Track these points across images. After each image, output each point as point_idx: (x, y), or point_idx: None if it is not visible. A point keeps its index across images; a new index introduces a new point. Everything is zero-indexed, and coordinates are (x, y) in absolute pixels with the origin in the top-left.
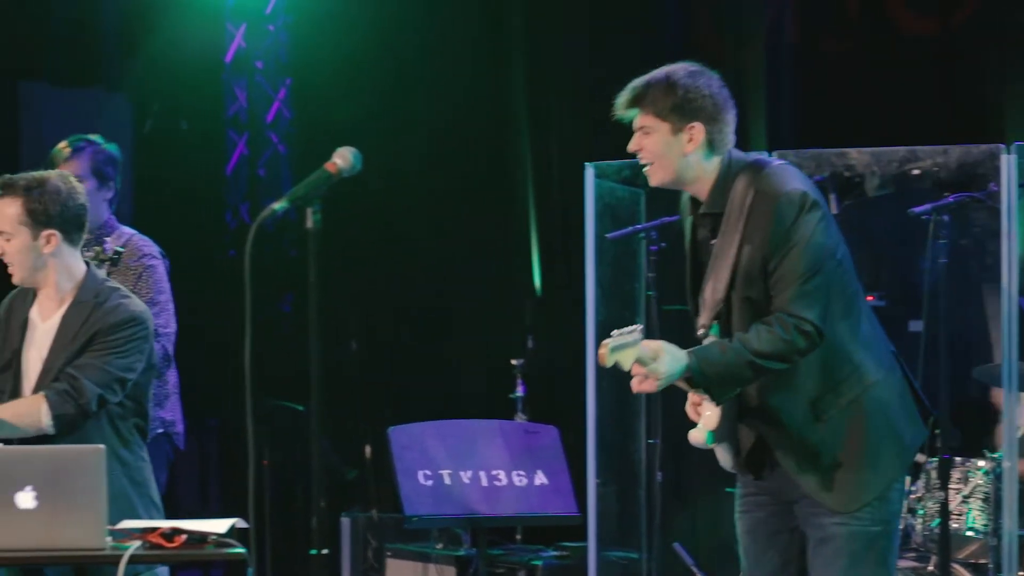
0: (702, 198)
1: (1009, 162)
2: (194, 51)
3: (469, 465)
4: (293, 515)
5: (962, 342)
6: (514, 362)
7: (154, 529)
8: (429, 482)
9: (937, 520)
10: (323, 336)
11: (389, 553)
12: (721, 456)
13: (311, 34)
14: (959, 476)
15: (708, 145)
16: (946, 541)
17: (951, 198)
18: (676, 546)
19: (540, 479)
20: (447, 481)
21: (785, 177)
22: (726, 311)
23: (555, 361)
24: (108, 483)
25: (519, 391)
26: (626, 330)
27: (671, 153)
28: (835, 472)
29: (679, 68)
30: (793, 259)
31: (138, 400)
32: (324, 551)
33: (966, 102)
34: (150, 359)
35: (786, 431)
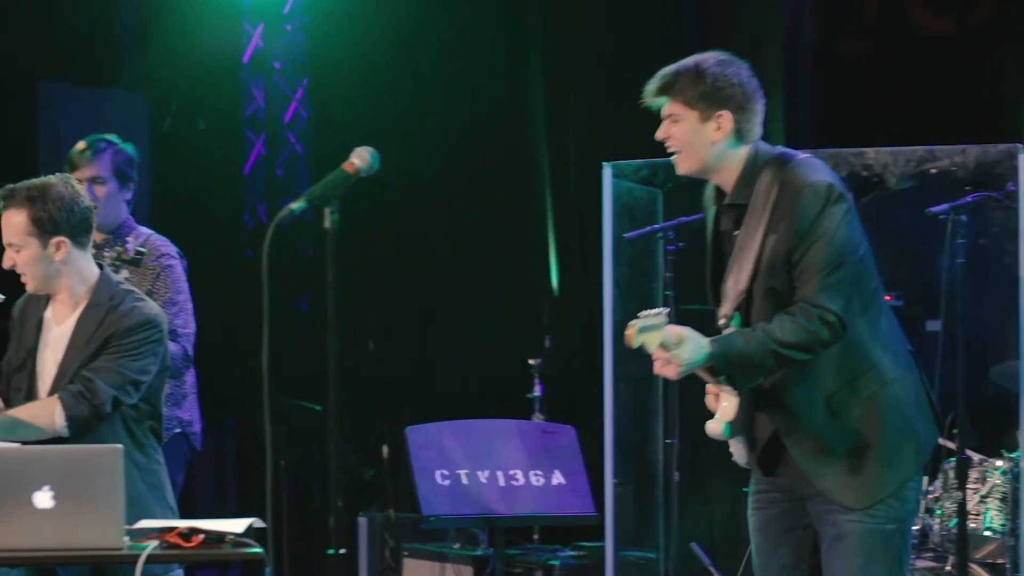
0: (727, 189)
1: None
2: (212, 51)
3: (486, 465)
4: (310, 515)
5: (979, 342)
6: (531, 362)
7: (171, 529)
8: (446, 482)
9: (955, 520)
10: (340, 336)
11: (406, 553)
12: (736, 451)
13: (329, 34)
14: (977, 476)
15: (736, 134)
16: (964, 541)
17: (969, 198)
18: (693, 546)
19: (557, 479)
20: (464, 481)
21: (812, 169)
22: (748, 302)
23: (572, 361)
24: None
25: (536, 391)
26: (652, 312)
27: (699, 141)
28: (849, 468)
29: (709, 57)
30: (818, 250)
31: (152, 403)
32: (341, 551)
33: (984, 102)
34: (164, 361)
35: (801, 427)
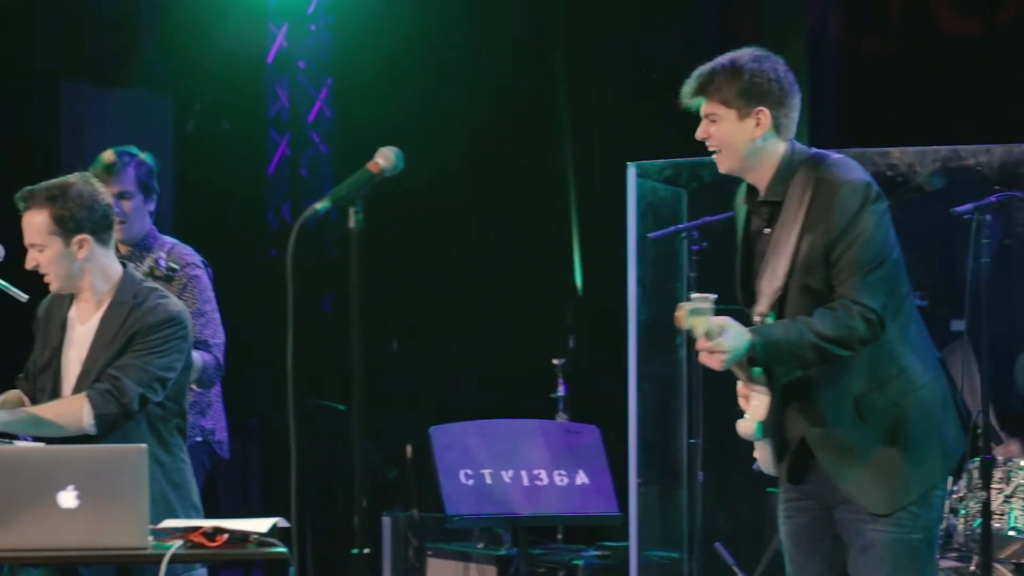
0: (761, 186)
1: None
2: (236, 51)
3: (510, 465)
4: (334, 514)
5: (1004, 341)
6: (555, 362)
7: (196, 528)
8: (470, 481)
9: (979, 520)
10: (365, 336)
11: (430, 552)
12: (762, 458)
13: (353, 34)
14: (1001, 476)
15: (775, 129)
16: (988, 541)
17: (994, 197)
18: (717, 546)
19: (581, 479)
20: (488, 480)
21: (849, 168)
22: (782, 300)
23: (596, 361)
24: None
25: (560, 391)
26: (701, 296)
27: (739, 139)
28: (875, 472)
29: (744, 53)
30: (858, 248)
31: (178, 400)
32: (365, 550)
33: (1009, 101)
34: (188, 358)
35: (829, 430)
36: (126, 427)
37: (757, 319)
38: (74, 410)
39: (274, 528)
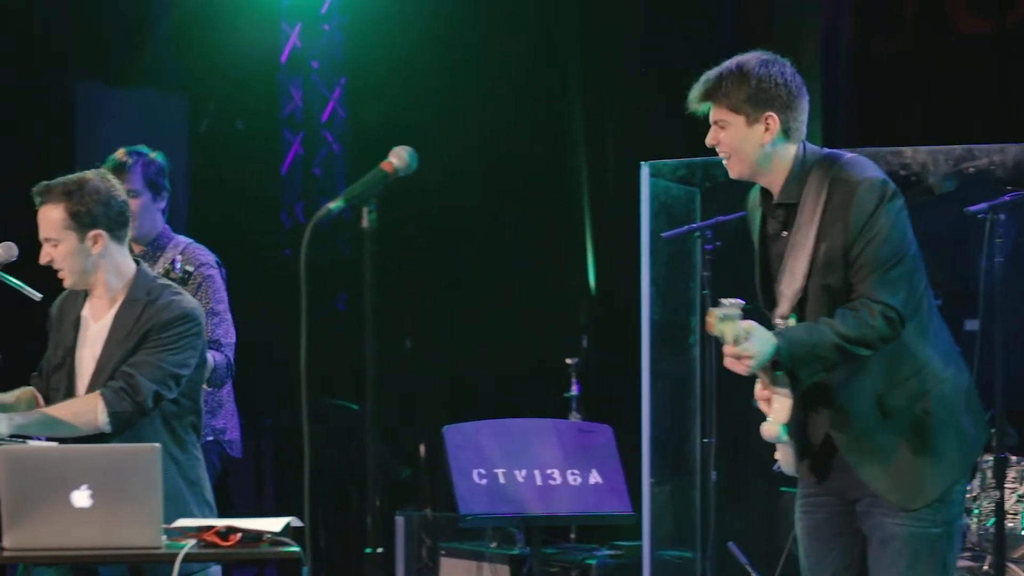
0: (775, 189)
1: None
2: (249, 51)
3: (523, 464)
4: (348, 514)
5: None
6: (569, 361)
7: (209, 528)
8: (484, 481)
9: (992, 519)
10: (378, 335)
11: (443, 552)
12: (784, 459)
13: (366, 34)
14: (1015, 475)
15: (784, 133)
16: (1001, 540)
17: (1007, 196)
18: (731, 546)
19: (594, 478)
20: (502, 480)
21: (864, 166)
22: (803, 301)
23: (610, 360)
24: (162, 482)
25: (574, 390)
26: (730, 301)
27: (749, 145)
28: (901, 469)
29: (751, 58)
30: (876, 246)
31: (192, 397)
32: (378, 550)
33: (1022, 101)
34: (202, 355)
35: (853, 428)
36: (141, 424)
37: (779, 322)
38: (88, 409)
39: (287, 527)
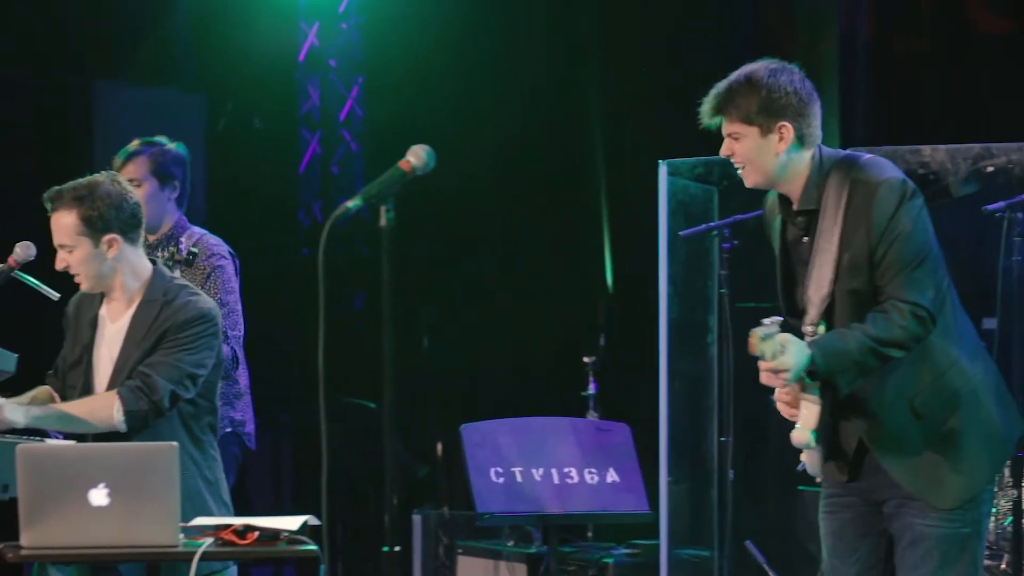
0: (794, 196)
1: None
2: (267, 50)
3: (541, 462)
4: (365, 512)
5: None
6: (586, 359)
7: (227, 526)
8: (501, 479)
9: (1010, 518)
10: (395, 334)
11: (460, 550)
12: (810, 461)
13: (384, 32)
14: None
15: (799, 141)
16: (1019, 539)
17: None
18: (748, 544)
19: (612, 476)
20: (519, 478)
21: (882, 167)
22: (830, 306)
23: (627, 358)
24: (180, 482)
25: (591, 388)
26: (769, 321)
27: (764, 155)
28: (935, 470)
29: (759, 68)
30: (900, 246)
31: (209, 397)
32: (396, 548)
33: None
34: (219, 355)
35: (885, 431)
36: (159, 424)
37: (809, 328)
38: (105, 407)
39: (305, 526)
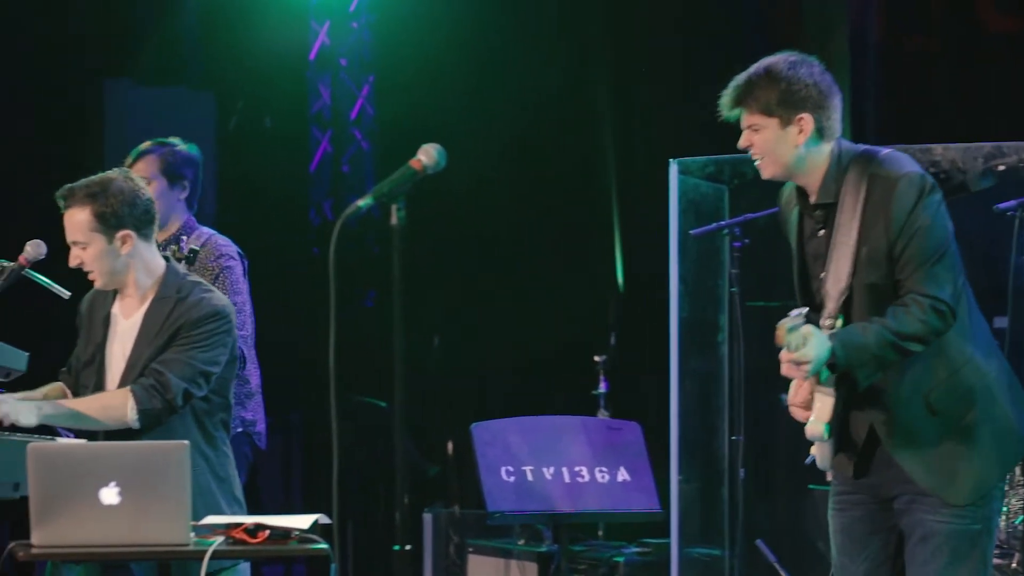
0: (811, 189)
1: None
2: (278, 49)
3: (551, 461)
4: (376, 511)
5: None
6: (597, 358)
7: (237, 525)
8: (512, 478)
9: (1021, 517)
10: (406, 332)
11: (471, 549)
12: (820, 455)
13: (394, 31)
14: None
15: (818, 133)
16: None
17: None
18: (759, 543)
19: (622, 475)
20: (529, 477)
21: (902, 161)
22: (848, 300)
23: (638, 357)
24: (192, 479)
25: (602, 387)
26: (795, 313)
27: (783, 147)
28: (947, 465)
29: (779, 60)
30: (920, 240)
31: (223, 395)
32: (407, 547)
33: None
34: (233, 352)
35: (899, 425)
36: (171, 422)
37: (827, 322)
38: (118, 404)
39: (315, 524)
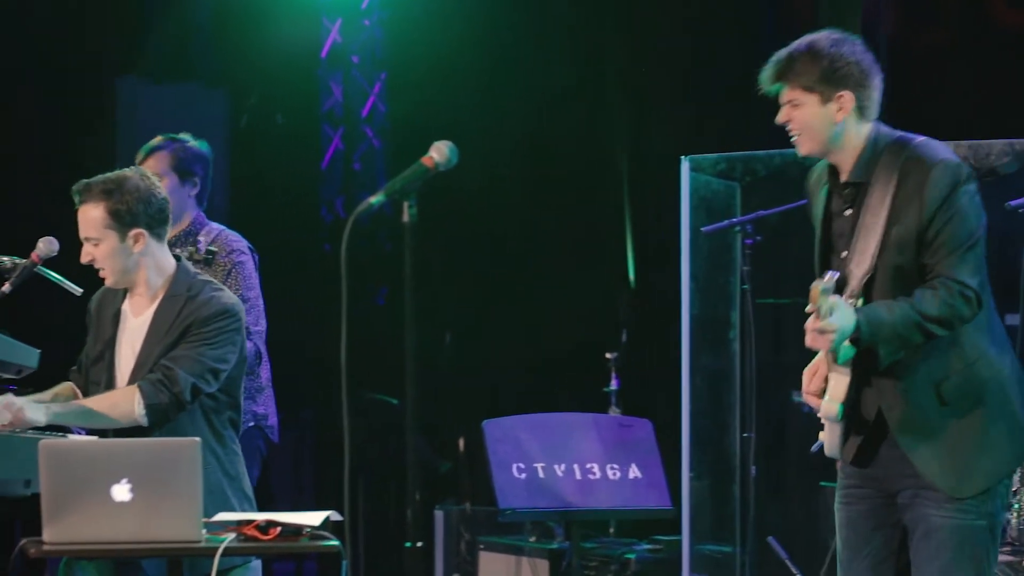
0: (844, 168)
1: None
2: (290, 46)
3: (563, 458)
4: (387, 508)
5: None
6: (608, 355)
7: (249, 522)
8: (523, 475)
9: None
10: (418, 330)
11: (482, 546)
12: (829, 439)
13: (406, 29)
14: None
15: (858, 112)
16: None
17: None
18: (770, 540)
19: (634, 472)
20: (541, 474)
21: (939, 148)
22: (870, 280)
23: (649, 354)
24: (203, 477)
25: (613, 384)
26: (828, 274)
27: (821, 124)
28: (954, 456)
29: (822, 37)
30: (954, 227)
31: (231, 393)
32: (418, 544)
33: None
34: (242, 351)
35: (909, 413)
36: (180, 419)
37: (849, 301)
38: (126, 401)
39: (327, 521)
